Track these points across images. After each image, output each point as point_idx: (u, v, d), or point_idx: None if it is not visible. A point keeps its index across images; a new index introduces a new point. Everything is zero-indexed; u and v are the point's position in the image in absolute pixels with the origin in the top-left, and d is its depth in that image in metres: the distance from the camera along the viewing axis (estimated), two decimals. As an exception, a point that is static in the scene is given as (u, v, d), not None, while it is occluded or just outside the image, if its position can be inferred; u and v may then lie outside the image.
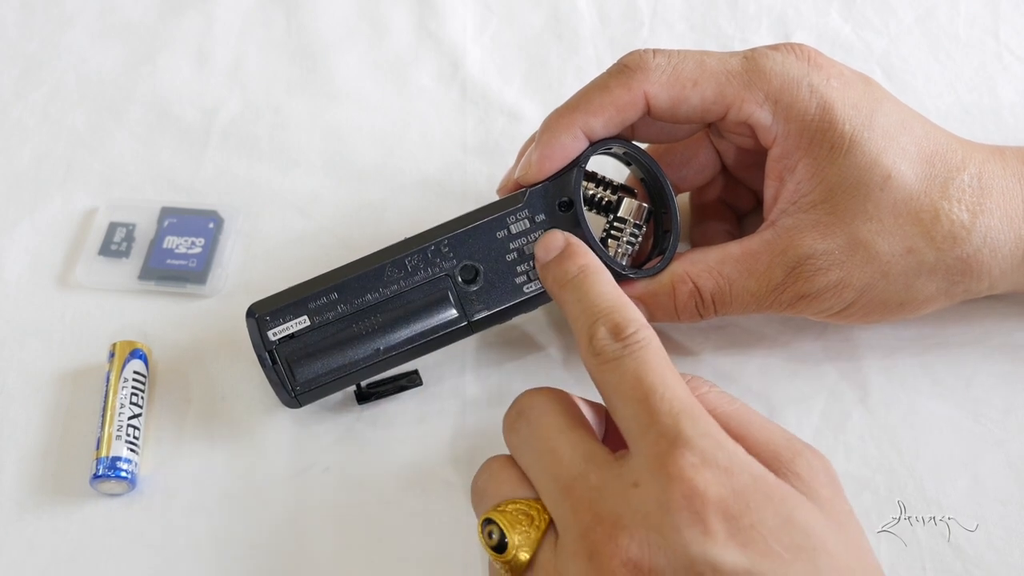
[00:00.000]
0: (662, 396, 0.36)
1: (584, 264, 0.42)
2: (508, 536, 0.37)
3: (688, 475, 0.34)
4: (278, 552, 0.44)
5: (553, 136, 0.45)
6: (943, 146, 0.45)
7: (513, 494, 0.39)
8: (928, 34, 0.63)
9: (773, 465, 0.36)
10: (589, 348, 0.39)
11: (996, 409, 0.47)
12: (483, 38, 0.64)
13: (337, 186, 0.57)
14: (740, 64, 0.45)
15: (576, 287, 0.41)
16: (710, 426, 0.36)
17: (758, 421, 0.39)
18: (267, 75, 0.62)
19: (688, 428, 0.35)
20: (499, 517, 0.37)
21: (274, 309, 0.44)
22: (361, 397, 0.48)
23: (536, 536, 0.37)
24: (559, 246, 0.43)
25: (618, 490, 0.35)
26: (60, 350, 0.51)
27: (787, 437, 0.38)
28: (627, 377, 0.37)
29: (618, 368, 0.37)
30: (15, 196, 0.57)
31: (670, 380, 0.37)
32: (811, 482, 0.36)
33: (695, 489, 0.34)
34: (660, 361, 0.37)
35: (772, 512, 0.34)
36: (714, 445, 0.35)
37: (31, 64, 0.63)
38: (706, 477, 0.34)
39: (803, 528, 0.34)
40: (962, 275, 0.44)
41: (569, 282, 0.42)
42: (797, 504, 0.35)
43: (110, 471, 0.45)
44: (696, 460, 0.34)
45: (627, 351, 0.37)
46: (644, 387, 0.36)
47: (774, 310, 0.46)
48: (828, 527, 0.35)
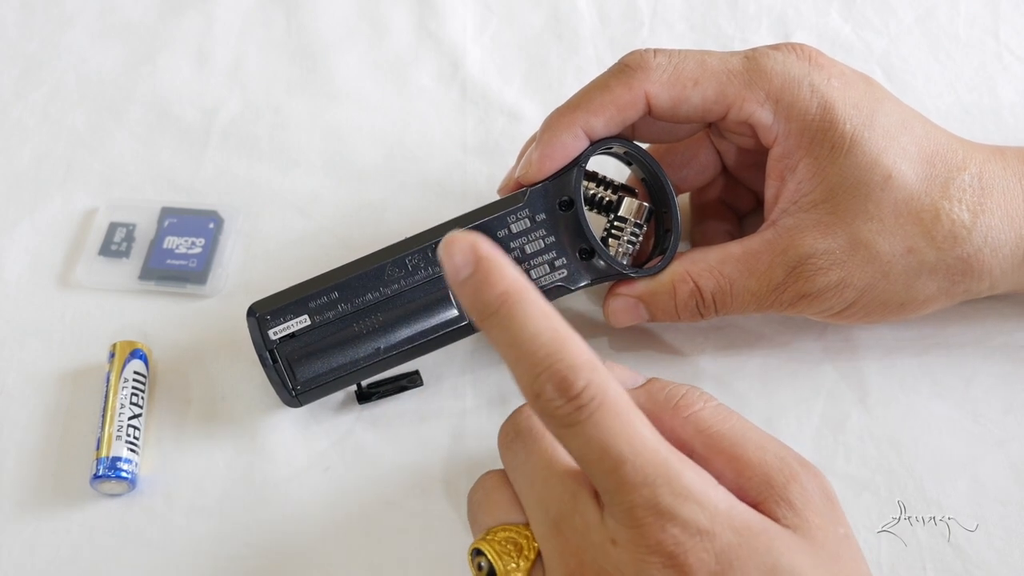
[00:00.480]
0: (633, 465, 0.33)
1: (503, 292, 0.33)
2: (496, 567, 0.37)
3: (668, 549, 0.33)
4: (278, 552, 0.44)
5: (554, 135, 0.45)
6: (944, 146, 0.45)
7: (505, 518, 0.38)
8: (928, 34, 0.63)
9: (764, 493, 0.36)
10: (539, 409, 0.34)
11: (996, 409, 0.47)
12: (483, 38, 0.64)
13: (337, 186, 0.57)
14: (741, 64, 0.45)
15: (501, 327, 0.34)
16: (689, 484, 0.33)
17: (754, 440, 0.37)
18: (267, 75, 0.62)
19: (665, 497, 0.33)
20: (488, 548, 0.37)
21: (275, 308, 0.44)
22: (361, 397, 0.48)
23: (525, 567, 0.37)
24: (465, 260, 0.33)
25: (599, 541, 0.35)
26: (60, 350, 0.51)
27: (782, 458, 0.37)
28: (591, 447, 0.33)
29: (578, 436, 0.33)
30: (15, 196, 0.57)
31: (637, 442, 0.33)
32: (804, 511, 0.35)
33: (675, 559, 0.33)
34: (622, 418, 0.33)
35: (756, 565, 0.33)
36: (695, 509, 0.33)
37: (31, 64, 0.63)
38: (686, 547, 0.33)
39: (789, 573, 0.33)
40: (963, 275, 0.44)
41: (491, 316, 0.34)
42: (783, 550, 0.34)
43: (110, 471, 0.45)
44: (676, 531, 0.33)
45: (583, 414, 0.33)
46: (612, 458, 0.33)
47: (775, 310, 0.46)
48: (817, 565, 0.34)
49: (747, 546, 0.33)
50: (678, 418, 0.38)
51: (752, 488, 0.36)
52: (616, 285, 0.47)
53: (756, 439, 0.37)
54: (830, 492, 0.37)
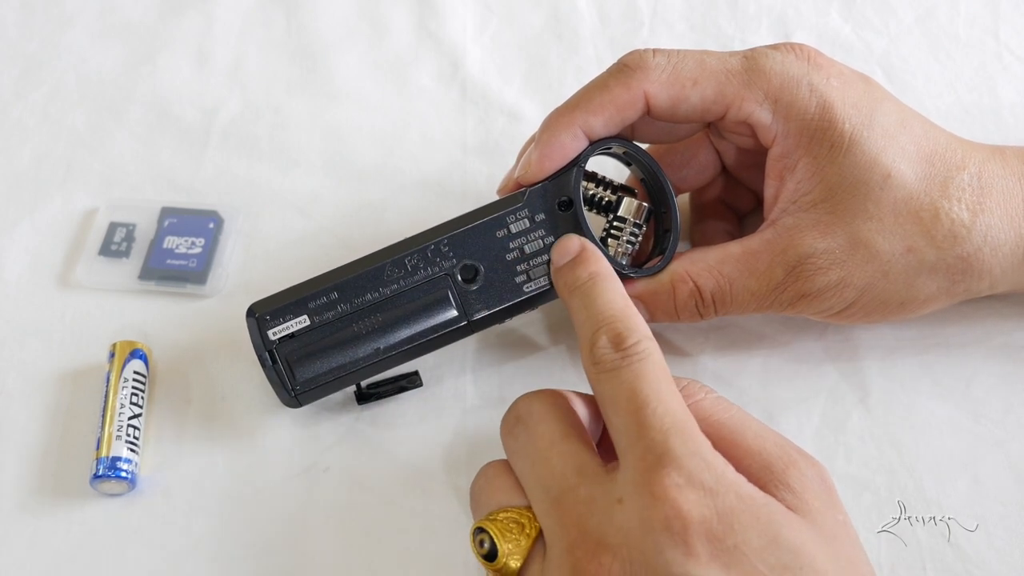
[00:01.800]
0: (654, 411, 0.36)
1: (594, 271, 0.42)
2: (498, 544, 0.37)
3: (672, 495, 0.34)
4: (278, 552, 0.44)
5: (553, 135, 0.45)
6: (943, 145, 0.45)
7: (507, 502, 0.39)
8: (928, 34, 0.63)
9: (764, 477, 0.36)
10: (590, 356, 0.38)
11: (996, 409, 0.47)
12: (483, 38, 0.64)
13: (337, 186, 0.57)
14: (740, 63, 0.45)
15: (584, 294, 0.41)
16: (700, 444, 0.35)
17: (753, 429, 0.38)
18: (267, 75, 0.62)
19: (677, 446, 0.35)
20: (490, 526, 0.37)
21: (274, 308, 0.44)
22: (361, 397, 0.48)
23: (527, 544, 0.37)
24: (574, 251, 0.43)
25: (604, 506, 0.35)
26: (60, 350, 0.51)
27: (781, 445, 0.38)
28: (623, 388, 0.37)
29: (615, 378, 0.37)
30: (15, 196, 0.57)
31: (665, 394, 0.36)
32: (803, 494, 0.36)
33: (678, 510, 0.34)
34: (658, 374, 0.37)
35: (758, 532, 0.34)
36: (701, 465, 0.35)
37: (31, 64, 0.63)
38: (690, 498, 0.34)
39: (790, 547, 0.34)
40: (963, 274, 0.44)
41: (578, 288, 0.41)
42: (785, 523, 0.34)
43: (110, 471, 0.45)
44: (681, 480, 0.34)
45: (626, 362, 0.37)
46: (638, 400, 0.36)
47: (774, 310, 0.45)
48: (818, 544, 0.34)
49: (749, 513, 0.34)
50: None
51: (752, 473, 0.36)
52: (616, 285, 0.47)
53: (756, 428, 0.38)
54: (828, 481, 0.37)
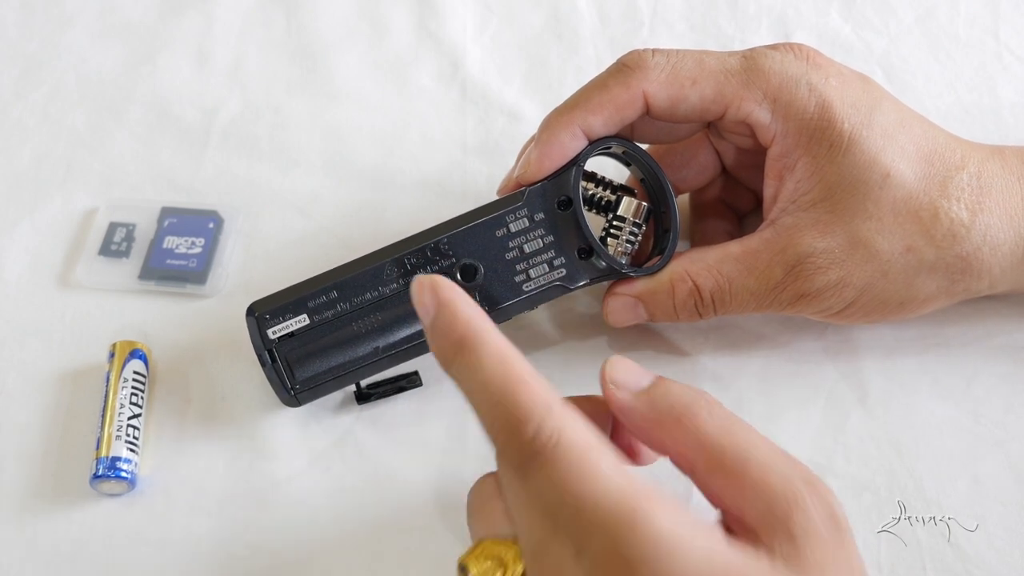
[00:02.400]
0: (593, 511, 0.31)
1: (459, 338, 0.35)
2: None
3: None
4: (278, 552, 0.44)
5: (552, 135, 0.45)
6: (942, 145, 0.45)
7: (496, 531, 0.37)
8: (928, 34, 0.63)
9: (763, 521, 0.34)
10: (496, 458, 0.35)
11: (996, 409, 0.47)
12: (483, 38, 0.64)
13: (337, 186, 0.57)
14: (739, 63, 0.45)
15: (460, 376, 0.35)
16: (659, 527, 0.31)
17: (757, 458, 0.35)
18: (267, 75, 0.62)
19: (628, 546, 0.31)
20: (472, 564, 0.36)
21: (274, 308, 0.44)
22: (361, 397, 0.48)
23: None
24: (429, 308, 0.36)
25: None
26: (60, 350, 0.51)
27: (787, 478, 0.34)
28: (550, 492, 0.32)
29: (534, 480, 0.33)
30: (15, 196, 0.57)
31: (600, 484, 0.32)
32: (803, 543, 0.33)
33: None
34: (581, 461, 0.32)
35: None
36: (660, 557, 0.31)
37: (31, 64, 0.63)
38: None
39: None
40: (962, 273, 0.44)
41: (451, 367, 0.35)
42: None
43: (110, 471, 0.45)
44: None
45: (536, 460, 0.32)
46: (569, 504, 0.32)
47: (774, 309, 0.45)
48: None
49: None
50: (680, 430, 0.36)
51: (752, 512, 0.34)
52: (615, 284, 0.47)
53: (761, 457, 0.35)
54: (836, 515, 0.34)
